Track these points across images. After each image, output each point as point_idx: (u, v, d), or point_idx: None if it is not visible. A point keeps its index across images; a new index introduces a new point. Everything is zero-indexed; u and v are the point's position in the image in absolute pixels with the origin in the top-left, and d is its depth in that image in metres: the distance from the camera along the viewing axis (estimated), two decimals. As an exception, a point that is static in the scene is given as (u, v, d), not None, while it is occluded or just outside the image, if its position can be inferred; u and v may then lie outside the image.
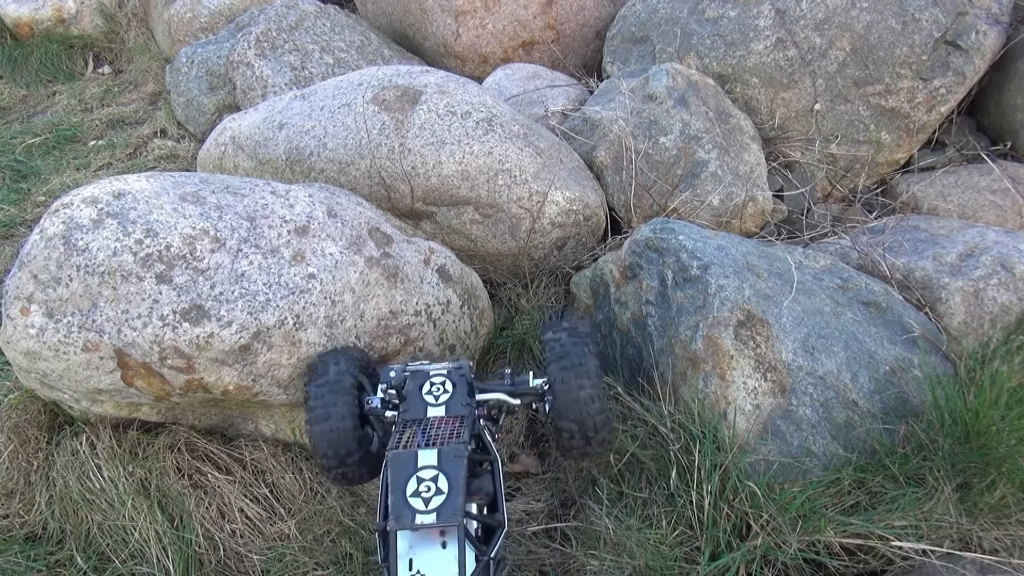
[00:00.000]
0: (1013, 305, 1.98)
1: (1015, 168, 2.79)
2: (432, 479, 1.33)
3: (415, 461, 1.36)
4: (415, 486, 1.32)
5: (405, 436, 1.43)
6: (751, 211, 2.60)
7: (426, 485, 1.33)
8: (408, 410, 1.53)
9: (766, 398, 1.74)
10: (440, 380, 1.59)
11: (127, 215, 1.72)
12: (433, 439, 1.41)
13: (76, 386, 1.73)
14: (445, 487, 1.32)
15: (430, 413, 1.52)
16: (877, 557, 1.58)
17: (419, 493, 1.31)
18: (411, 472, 1.34)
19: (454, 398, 1.54)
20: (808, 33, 2.83)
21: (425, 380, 1.59)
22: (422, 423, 1.48)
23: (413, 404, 1.54)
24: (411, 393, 1.57)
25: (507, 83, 3.22)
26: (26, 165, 3.95)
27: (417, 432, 1.45)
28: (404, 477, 1.34)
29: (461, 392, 1.56)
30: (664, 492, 1.69)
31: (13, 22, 5.08)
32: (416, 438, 1.43)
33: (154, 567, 1.74)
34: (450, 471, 1.34)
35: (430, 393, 1.56)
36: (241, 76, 3.41)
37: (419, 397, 1.56)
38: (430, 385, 1.58)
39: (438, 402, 1.54)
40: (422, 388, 1.57)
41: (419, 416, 1.51)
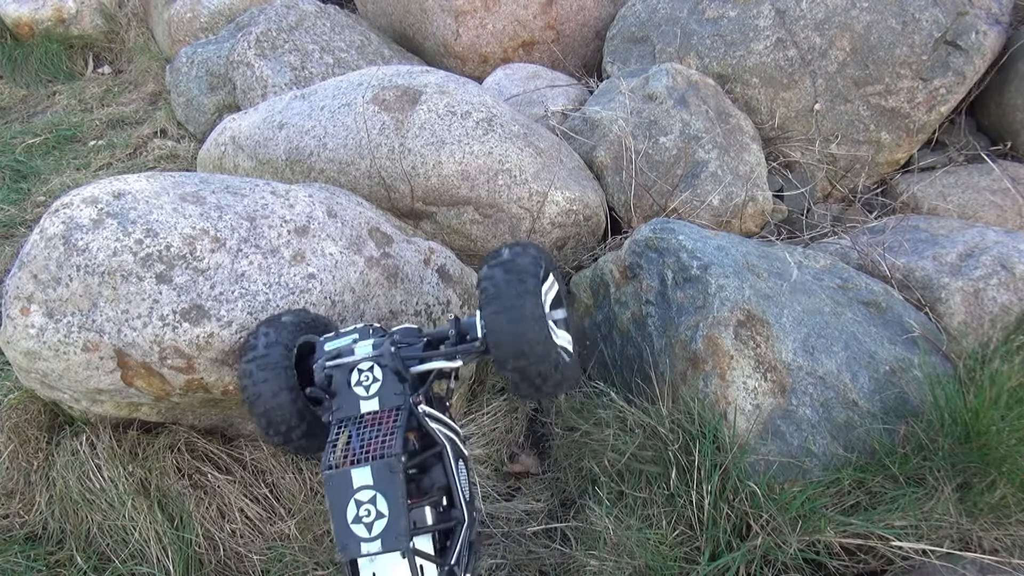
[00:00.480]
0: (1013, 305, 1.98)
1: (1015, 168, 2.79)
2: (370, 501, 1.23)
3: (350, 482, 1.24)
4: (355, 511, 1.23)
5: (339, 445, 1.30)
6: (751, 211, 2.60)
7: (365, 509, 1.23)
8: (340, 407, 1.38)
9: (766, 398, 1.74)
10: (367, 367, 1.40)
11: (127, 215, 1.72)
12: (367, 446, 1.28)
13: (76, 386, 1.73)
14: (385, 509, 1.22)
15: (364, 408, 1.37)
16: (877, 557, 1.58)
17: (360, 519, 1.22)
18: (348, 495, 1.24)
19: (385, 386, 1.37)
20: (808, 33, 2.83)
21: (351, 371, 1.40)
22: (356, 421, 1.35)
23: (344, 400, 1.39)
24: (339, 387, 1.40)
25: (507, 83, 3.22)
26: (26, 165, 3.95)
27: (353, 435, 1.32)
28: (342, 502, 1.24)
29: (391, 379, 1.38)
30: (664, 492, 1.69)
31: (13, 22, 5.08)
32: (352, 444, 1.30)
33: (154, 567, 1.74)
34: (387, 490, 1.23)
35: (359, 384, 1.39)
36: (241, 76, 3.41)
37: (348, 391, 1.39)
38: (358, 374, 1.39)
39: (370, 394, 1.38)
40: (350, 380, 1.39)
41: (353, 413, 1.37)
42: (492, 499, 2.04)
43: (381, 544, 1.20)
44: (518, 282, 1.37)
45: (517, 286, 1.36)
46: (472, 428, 2.15)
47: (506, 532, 1.94)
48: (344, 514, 1.23)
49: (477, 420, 2.18)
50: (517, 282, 1.37)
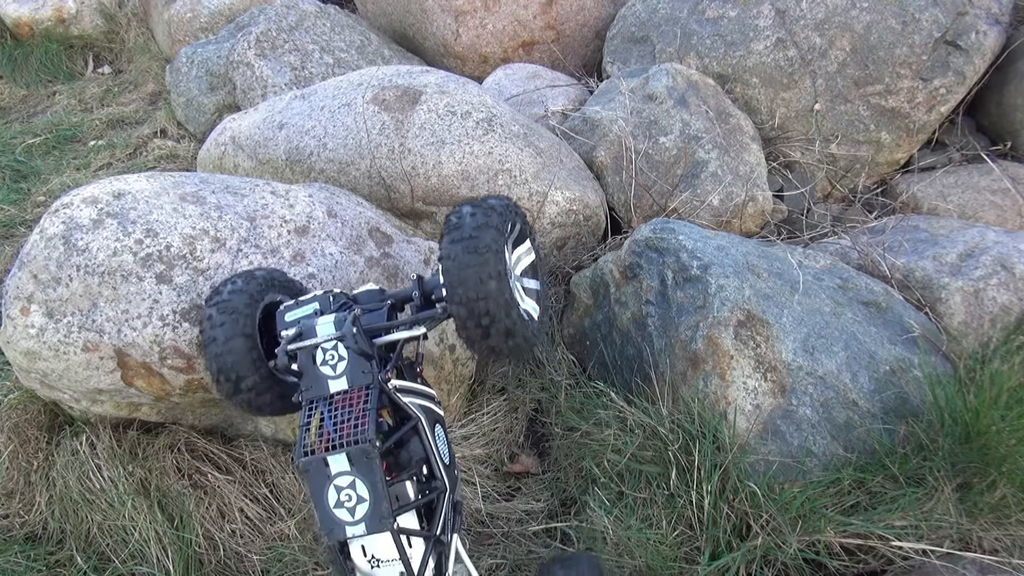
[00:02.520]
0: (1013, 305, 1.98)
1: (1015, 168, 2.79)
2: (350, 486, 1.23)
3: (327, 468, 1.24)
4: (335, 496, 1.23)
5: (312, 428, 1.28)
6: (751, 211, 2.60)
7: (346, 494, 1.23)
8: (310, 387, 1.34)
9: (766, 398, 1.74)
10: (331, 346, 1.35)
11: (127, 215, 1.72)
12: (340, 428, 1.26)
13: (76, 386, 1.73)
14: (366, 493, 1.23)
15: (332, 388, 1.34)
16: (877, 557, 1.58)
17: (341, 503, 1.23)
18: (327, 481, 1.24)
19: (352, 365, 1.33)
20: (808, 33, 2.83)
21: (315, 351, 1.35)
22: (326, 401, 1.32)
23: (312, 380, 1.35)
24: (305, 368, 1.35)
25: (507, 83, 3.23)
26: (26, 165, 3.95)
27: (325, 416, 1.29)
28: (321, 488, 1.24)
29: (355, 357, 1.33)
30: (664, 492, 1.69)
31: (13, 22, 5.08)
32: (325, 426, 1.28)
33: (154, 567, 1.74)
34: (365, 476, 1.23)
35: (325, 363, 1.35)
36: (241, 76, 3.41)
37: (315, 370, 1.35)
38: (322, 353, 1.35)
39: (337, 373, 1.34)
40: (315, 359, 1.35)
41: (323, 393, 1.33)
42: (492, 499, 2.04)
43: (366, 527, 1.21)
44: (484, 215, 1.35)
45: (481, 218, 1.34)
46: (472, 428, 2.15)
47: (506, 532, 1.94)
48: (325, 499, 1.23)
49: (477, 420, 2.18)
50: (482, 215, 1.35)
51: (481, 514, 1.98)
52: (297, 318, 1.44)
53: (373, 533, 1.21)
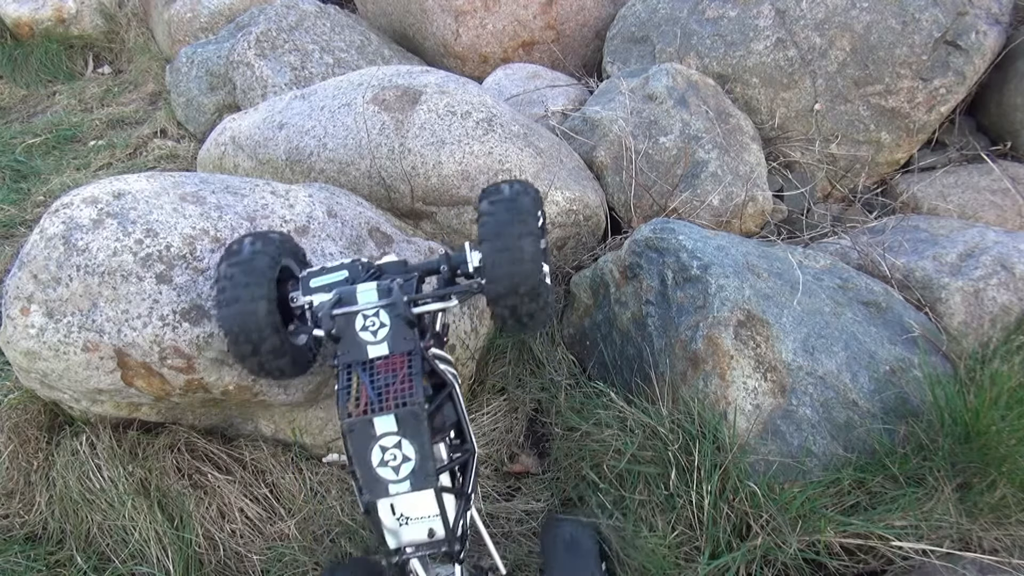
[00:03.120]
0: (1013, 305, 1.98)
1: (1015, 168, 2.79)
2: (395, 446, 1.28)
3: (372, 429, 1.28)
4: (380, 455, 1.28)
5: (353, 392, 1.32)
6: (751, 211, 2.60)
7: (391, 453, 1.28)
8: (347, 352, 1.36)
9: (766, 398, 1.74)
10: (372, 312, 1.38)
11: (127, 215, 1.72)
12: (384, 392, 1.31)
13: (76, 386, 1.73)
14: (412, 453, 1.28)
15: (371, 353, 1.36)
16: (877, 557, 1.58)
17: (386, 462, 1.28)
18: (372, 442, 1.28)
19: (394, 331, 1.37)
20: (808, 33, 2.83)
21: (356, 317, 1.38)
22: (366, 366, 1.35)
23: (350, 345, 1.37)
24: (344, 333, 1.37)
25: (507, 83, 3.23)
26: (26, 165, 3.95)
27: (364, 379, 1.33)
28: (366, 448, 1.28)
29: (399, 324, 1.37)
30: (664, 492, 1.69)
31: (13, 22, 5.08)
32: (366, 390, 1.31)
33: (154, 567, 1.74)
34: (413, 436, 1.28)
35: (366, 329, 1.37)
36: (241, 76, 3.41)
37: (355, 337, 1.37)
38: (363, 319, 1.38)
39: (378, 339, 1.37)
40: (355, 325, 1.38)
41: (361, 358, 1.36)
42: (492, 499, 2.04)
43: (410, 485, 1.27)
44: (520, 222, 1.39)
45: (519, 226, 1.38)
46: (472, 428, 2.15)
47: (506, 532, 1.94)
48: (368, 460, 1.28)
49: (477, 420, 2.18)
50: (519, 222, 1.39)
51: (481, 514, 1.98)
52: (326, 284, 1.46)
53: (417, 490, 1.27)
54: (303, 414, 1.95)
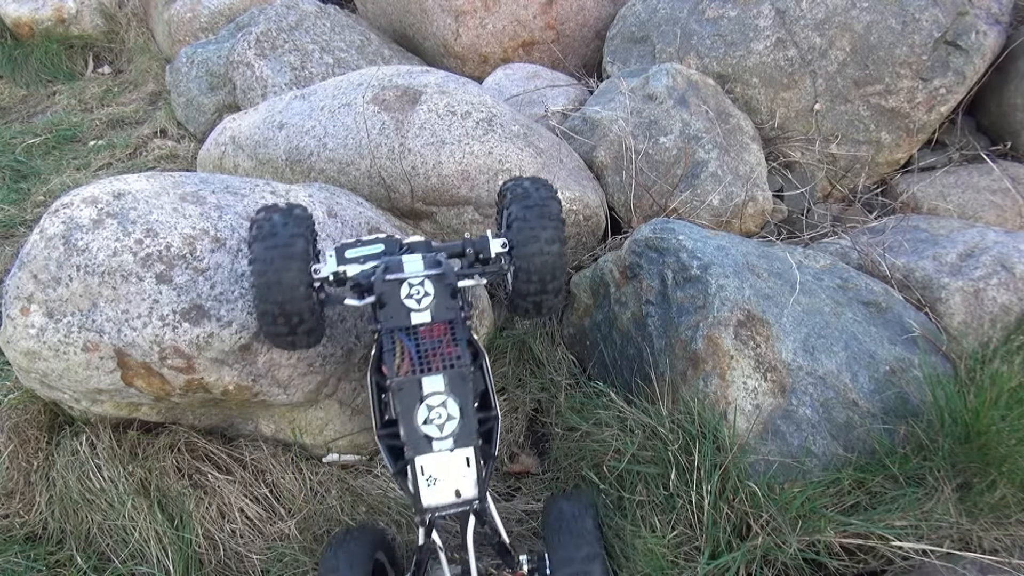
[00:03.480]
0: (1013, 305, 1.98)
1: (1015, 168, 2.79)
2: (441, 404, 1.38)
3: (420, 389, 1.38)
4: (425, 413, 1.37)
5: (397, 354, 1.41)
6: (751, 211, 2.60)
7: (437, 412, 1.37)
8: (391, 318, 1.46)
9: (766, 398, 1.74)
10: (418, 282, 1.49)
11: (127, 215, 1.72)
12: (428, 355, 1.41)
13: (76, 386, 1.73)
14: (456, 412, 1.38)
15: (414, 319, 1.46)
16: (877, 557, 1.58)
17: (431, 420, 1.37)
18: (418, 400, 1.38)
19: (437, 301, 1.48)
20: (808, 33, 2.83)
21: (402, 284, 1.48)
22: (409, 332, 1.44)
23: (394, 311, 1.46)
24: (390, 300, 1.47)
25: (507, 83, 3.23)
26: (26, 165, 3.95)
27: (408, 344, 1.43)
28: (412, 405, 1.37)
29: (443, 294, 1.48)
30: (664, 492, 1.69)
31: (13, 22, 5.08)
32: (409, 354, 1.41)
33: (154, 567, 1.74)
34: (459, 396, 1.39)
35: (411, 297, 1.48)
36: (241, 76, 3.41)
37: (400, 304, 1.47)
38: (408, 288, 1.48)
39: (421, 307, 1.47)
40: (400, 293, 1.47)
41: (404, 324, 1.45)
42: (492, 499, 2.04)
43: (454, 442, 1.37)
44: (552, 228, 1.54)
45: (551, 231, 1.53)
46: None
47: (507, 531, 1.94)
48: (413, 417, 1.37)
49: (477, 420, 2.18)
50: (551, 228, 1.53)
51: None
52: (362, 255, 1.54)
53: (460, 448, 1.37)
54: (303, 414, 1.95)
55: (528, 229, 1.52)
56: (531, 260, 1.52)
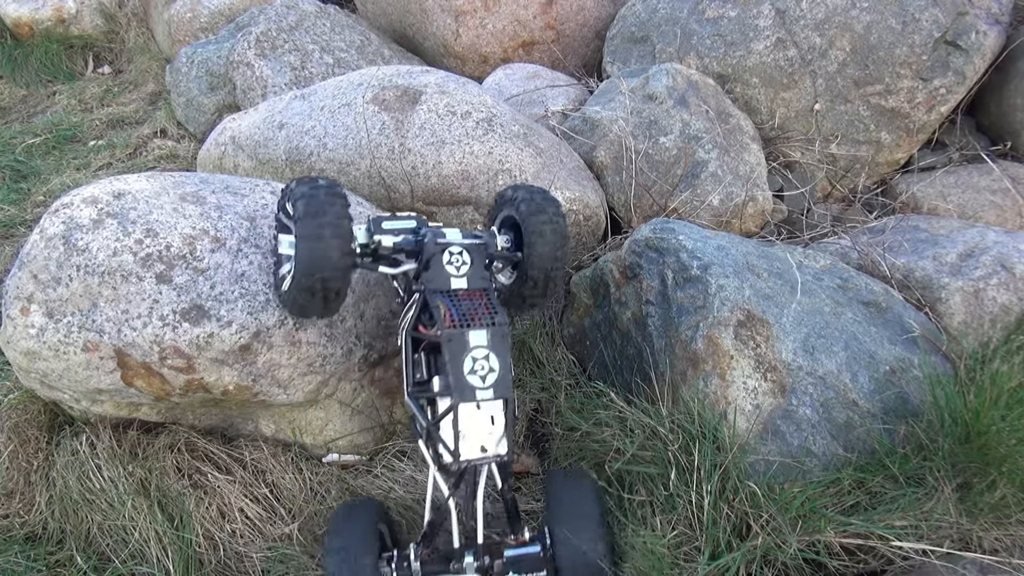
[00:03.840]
0: (1013, 305, 1.98)
1: (1015, 168, 2.79)
2: (484, 358, 1.50)
3: (467, 342, 1.50)
4: (470, 365, 1.49)
5: (442, 312, 1.54)
6: (751, 211, 2.60)
7: (480, 364, 1.50)
8: (433, 280, 1.61)
9: (766, 398, 1.74)
10: (459, 251, 1.65)
11: (127, 215, 1.72)
12: (468, 315, 1.54)
13: (76, 386, 1.73)
14: (496, 366, 1.51)
15: (453, 284, 1.62)
16: (877, 557, 1.58)
17: (475, 371, 1.49)
18: (466, 352, 1.49)
19: (474, 270, 1.64)
20: (808, 33, 2.83)
21: (444, 250, 1.64)
22: (449, 294, 1.59)
23: (436, 275, 1.62)
24: (435, 262, 1.62)
25: (507, 83, 3.23)
26: (26, 165, 3.95)
27: (449, 304, 1.56)
28: (460, 356, 1.49)
29: (479, 265, 1.65)
30: (663, 492, 1.69)
31: (13, 22, 5.08)
32: (451, 312, 1.54)
33: (154, 567, 1.74)
34: (499, 351, 1.52)
35: (451, 264, 1.63)
36: (241, 76, 3.41)
37: (442, 267, 1.62)
38: (450, 256, 1.64)
39: (460, 274, 1.63)
40: (442, 259, 1.63)
41: (445, 287, 1.61)
42: (492, 499, 2.04)
43: (493, 392, 1.49)
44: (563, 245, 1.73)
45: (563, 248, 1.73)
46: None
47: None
48: (461, 367, 1.49)
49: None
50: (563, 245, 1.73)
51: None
52: (396, 228, 1.67)
53: (499, 398, 1.50)
54: (303, 414, 1.95)
55: (544, 244, 1.70)
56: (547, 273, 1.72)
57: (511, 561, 1.60)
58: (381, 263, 1.67)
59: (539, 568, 1.60)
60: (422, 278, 1.62)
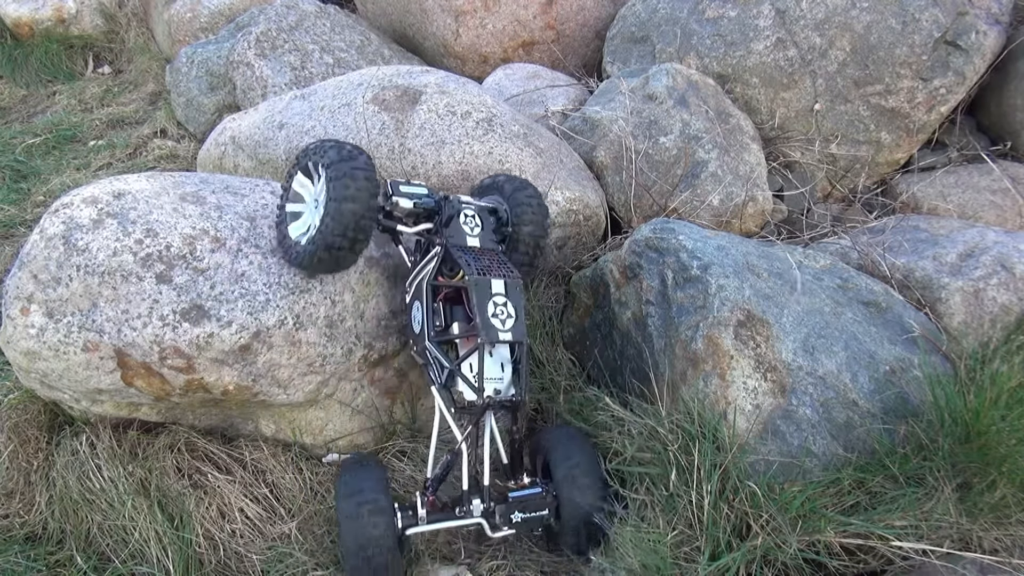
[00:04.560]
0: (1013, 305, 1.98)
1: (1015, 168, 2.79)
2: (503, 304, 1.67)
3: (490, 288, 1.67)
4: (492, 309, 1.65)
5: (464, 262, 1.69)
6: (751, 211, 2.60)
7: (500, 309, 1.66)
8: (452, 236, 1.78)
9: (766, 398, 1.74)
10: (472, 214, 1.84)
11: (127, 215, 1.72)
12: (487, 266, 1.71)
13: (76, 386, 1.73)
14: (513, 312, 1.67)
15: (469, 242, 1.79)
16: (877, 557, 1.58)
17: (496, 315, 1.65)
18: (489, 297, 1.65)
19: (485, 232, 1.84)
20: (808, 33, 2.83)
21: (459, 212, 1.82)
22: (468, 251, 1.76)
23: (455, 232, 1.79)
24: (454, 222, 1.80)
25: (507, 83, 3.22)
26: (26, 165, 3.95)
27: (468, 258, 1.71)
28: (485, 300, 1.65)
29: (488, 230, 1.85)
30: (664, 492, 1.69)
31: (13, 22, 5.08)
32: (471, 264, 1.69)
33: (154, 567, 1.74)
34: (515, 299, 1.69)
35: (466, 223, 1.81)
36: (241, 76, 3.41)
37: (460, 226, 1.80)
38: (464, 217, 1.82)
39: (474, 234, 1.81)
40: (459, 219, 1.81)
41: (463, 243, 1.78)
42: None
43: (512, 335, 1.65)
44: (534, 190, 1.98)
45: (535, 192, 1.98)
46: (472, 428, 2.14)
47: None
48: (487, 310, 1.65)
49: (477, 420, 2.18)
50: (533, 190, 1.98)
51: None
52: (411, 192, 1.83)
53: (517, 341, 1.66)
54: (303, 414, 1.95)
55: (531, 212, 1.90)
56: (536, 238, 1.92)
57: (516, 501, 1.69)
58: (398, 224, 1.82)
59: (542, 507, 1.71)
60: (443, 234, 1.77)
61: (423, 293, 1.75)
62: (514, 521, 1.68)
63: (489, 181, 2.02)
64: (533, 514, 1.70)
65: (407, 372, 2.08)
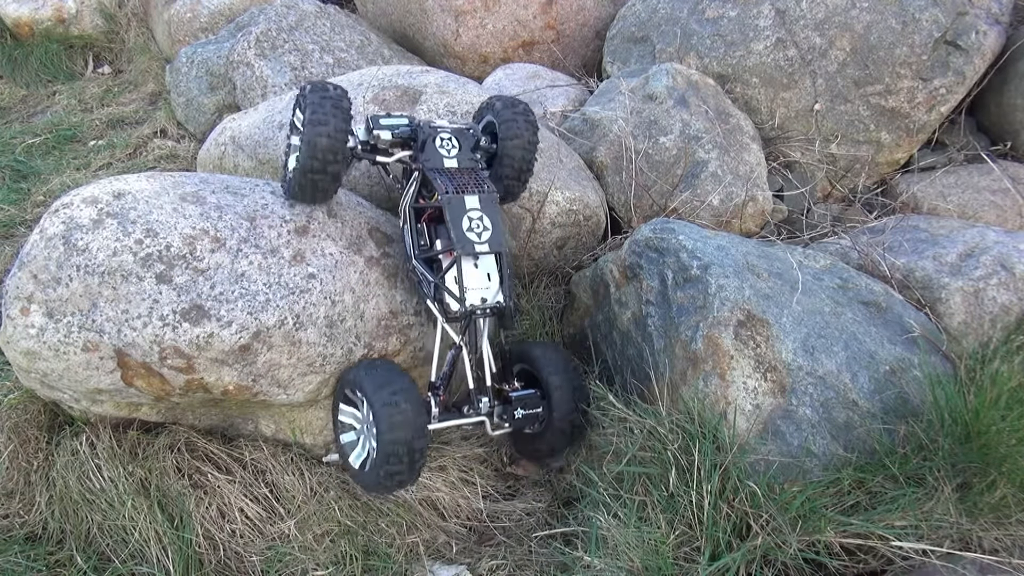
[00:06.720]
0: (1013, 305, 1.98)
1: (1015, 168, 2.79)
2: (479, 219, 1.75)
3: (464, 205, 1.75)
4: (467, 224, 1.74)
5: (439, 182, 1.78)
6: (751, 211, 2.60)
7: (476, 223, 1.75)
8: (430, 159, 1.86)
9: (766, 398, 1.74)
10: (448, 136, 1.91)
11: (127, 215, 1.72)
12: (462, 185, 1.79)
13: (76, 386, 1.73)
14: (489, 224, 1.76)
15: (446, 164, 1.86)
16: (877, 557, 1.58)
17: (472, 229, 1.74)
18: (463, 212, 1.74)
19: (462, 153, 1.90)
20: (808, 33, 2.83)
21: (435, 136, 1.89)
22: (444, 172, 1.83)
23: (431, 155, 1.87)
24: (428, 146, 1.87)
25: (507, 83, 3.22)
26: (26, 165, 3.95)
27: (443, 178, 1.80)
28: (460, 217, 1.74)
29: (467, 150, 1.92)
30: (664, 492, 1.69)
31: (13, 22, 5.08)
32: (446, 184, 1.77)
33: (154, 567, 1.74)
34: (490, 212, 1.77)
35: (442, 147, 1.88)
36: (241, 76, 3.41)
37: (436, 149, 1.87)
38: (441, 140, 1.89)
39: (450, 155, 1.88)
40: (435, 143, 1.88)
41: (439, 165, 1.85)
42: (492, 498, 2.04)
43: (489, 247, 1.75)
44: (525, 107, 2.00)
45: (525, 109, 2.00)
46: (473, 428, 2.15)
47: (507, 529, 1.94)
48: (461, 225, 1.73)
49: (477, 420, 2.18)
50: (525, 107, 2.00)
51: (481, 514, 1.98)
52: (392, 124, 1.89)
53: (494, 252, 1.76)
54: (303, 414, 1.95)
55: (518, 128, 1.94)
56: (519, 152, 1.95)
57: (518, 399, 1.85)
58: (379, 155, 1.89)
59: (537, 406, 1.87)
60: (419, 159, 1.85)
61: (405, 216, 1.87)
62: (516, 418, 1.83)
63: (485, 103, 2.08)
64: (531, 411, 1.86)
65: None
